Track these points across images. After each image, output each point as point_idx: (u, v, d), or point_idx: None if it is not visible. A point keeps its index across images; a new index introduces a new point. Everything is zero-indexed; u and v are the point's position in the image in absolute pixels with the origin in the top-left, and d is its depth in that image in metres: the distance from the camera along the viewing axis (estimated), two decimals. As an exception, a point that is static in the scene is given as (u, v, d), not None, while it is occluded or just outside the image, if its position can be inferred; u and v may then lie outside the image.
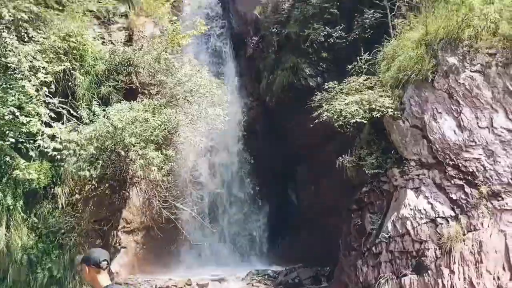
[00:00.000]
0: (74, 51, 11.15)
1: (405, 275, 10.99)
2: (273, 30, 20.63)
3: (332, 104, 12.39)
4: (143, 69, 12.60)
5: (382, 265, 11.37)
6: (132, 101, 11.55)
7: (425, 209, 11.25)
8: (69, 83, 11.14)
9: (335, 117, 12.05)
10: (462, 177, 11.18)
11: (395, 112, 12.04)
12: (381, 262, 11.39)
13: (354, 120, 11.89)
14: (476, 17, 12.00)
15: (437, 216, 11.11)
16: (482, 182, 10.85)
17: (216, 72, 22.38)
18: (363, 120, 11.98)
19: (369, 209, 12.70)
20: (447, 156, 11.37)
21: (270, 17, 21.44)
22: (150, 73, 12.75)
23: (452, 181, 11.26)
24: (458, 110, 11.62)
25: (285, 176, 21.09)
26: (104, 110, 10.70)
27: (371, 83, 12.96)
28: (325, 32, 18.57)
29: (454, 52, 12.18)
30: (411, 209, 11.35)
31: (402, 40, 13.58)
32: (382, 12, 15.27)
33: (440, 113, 11.81)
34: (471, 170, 11.09)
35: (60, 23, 10.94)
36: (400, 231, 11.32)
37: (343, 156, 12.98)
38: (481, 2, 11.96)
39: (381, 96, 12.14)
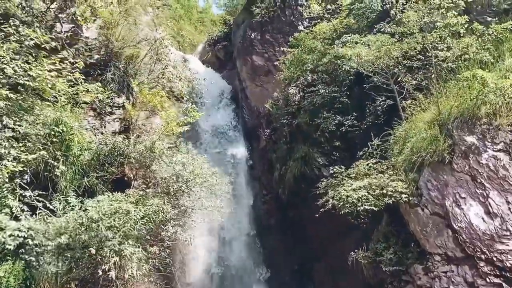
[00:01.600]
0: (57, 141, 10.66)
1: None
2: (284, 121, 20.18)
3: (337, 190, 11.11)
4: (135, 159, 11.93)
5: None
6: (118, 192, 10.72)
7: (457, 316, 9.26)
8: (51, 175, 10.48)
9: (341, 204, 10.69)
10: (499, 273, 9.32)
11: (411, 198, 10.65)
12: None
13: (362, 208, 10.49)
14: (492, 93, 11.01)
15: (473, 325, 9.08)
16: (524, 279, 8.97)
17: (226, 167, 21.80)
18: (373, 207, 10.59)
19: (392, 317, 10.71)
20: (478, 249, 9.63)
21: (281, 109, 21.17)
22: (143, 163, 12.06)
23: (488, 279, 9.39)
24: (485, 194, 10.12)
25: (302, 275, 19.03)
26: (81, 202, 9.82)
27: (382, 168, 11.74)
28: (336, 121, 17.90)
29: (472, 131, 11.01)
30: (440, 315, 9.38)
31: (414, 122, 12.64)
32: (390, 94, 14.54)
33: (463, 198, 10.31)
34: (509, 265, 9.25)
35: (47, 113, 10.62)
36: None
37: (356, 251, 11.33)
38: (494, 76, 11.04)
39: (393, 180, 10.83)
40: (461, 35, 12.88)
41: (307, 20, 23.30)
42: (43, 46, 11.04)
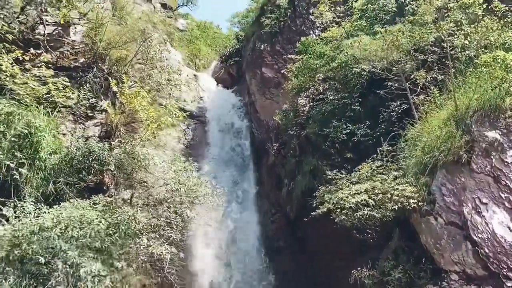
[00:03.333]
0: (25, 144, 9.66)
1: None
2: (293, 132, 18.73)
3: (335, 195, 9.52)
4: (115, 166, 10.75)
5: None
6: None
7: None
8: (15, 181, 9.42)
9: (338, 210, 9.09)
10: (532, 296, 7.41)
11: (422, 204, 8.91)
12: None
13: (360, 213, 8.84)
14: (517, 81, 9.33)
15: None
16: None
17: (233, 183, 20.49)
18: (374, 214, 8.90)
19: None
20: (504, 265, 7.77)
21: (290, 121, 19.78)
22: (123, 171, 10.86)
23: (518, 303, 7.48)
24: (511, 198, 8.30)
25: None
26: (39, 209, 8.63)
27: (388, 171, 10.09)
28: (348, 130, 16.29)
29: (494, 125, 9.27)
30: None
31: (427, 121, 10.98)
32: (402, 93, 12.92)
33: (485, 203, 8.52)
34: (544, 285, 7.35)
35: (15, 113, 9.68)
36: None
37: (359, 269, 9.60)
38: (519, 60, 9.36)
39: (400, 183, 9.15)
40: (480, 17, 11.25)
41: (319, 28, 22.09)
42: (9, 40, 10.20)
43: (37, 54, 10.35)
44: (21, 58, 10.09)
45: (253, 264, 18.26)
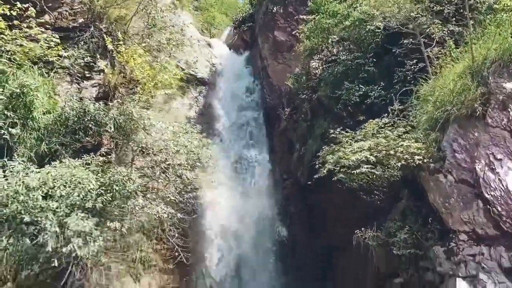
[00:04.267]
0: (19, 104, 9.40)
1: None
2: (304, 96, 18.04)
3: (337, 154, 8.96)
4: (114, 127, 10.42)
5: None
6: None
7: (488, 312, 6.84)
8: (8, 141, 9.22)
9: (337, 168, 8.55)
10: (547, 256, 6.81)
11: (427, 160, 8.28)
12: None
13: (358, 171, 8.28)
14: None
15: (510, 323, 6.63)
16: None
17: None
18: (374, 171, 8.33)
19: (406, 311, 8.38)
20: (518, 223, 7.15)
21: (302, 85, 19.05)
22: (121, 132, 10.53)
23: (532, 264, 6.89)
24: (528, 153, 7.60)
25: (323, 268, 16.78)
26: (27, 169, 8.39)
27: (396, 128, 9.43)
28: (361, 92, 15.49)
29: (514, 76, 8.47)
30: (464, 310, 6.99)
31: (442, 75, 10.19)
32: (416, 47, 12.05)
33: (499, 159, 7.84)
34: (561, 245, 6.72)
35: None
36: None
37: (362, 230, 9.11)
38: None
39: (405, 139, 8.52)
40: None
41: (336, -12, 20.98)
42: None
43: (24, 9, 9.93)
44: (8, 14, 9.72)
45: (265, 229, 17.98)
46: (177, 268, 17.20)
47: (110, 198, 8.67)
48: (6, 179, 8.02)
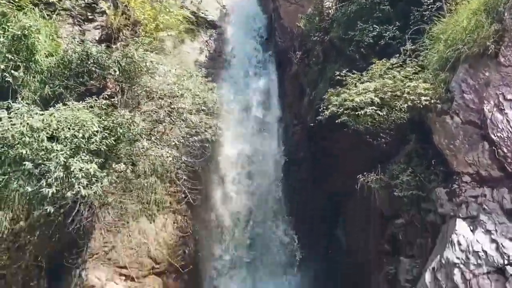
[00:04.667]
0: (21, 46, 9.35)
1: None
2: (316, 38, 17.47)
3: (341, 96, 8.78)
4: (118, 70, 10.32)
5: None
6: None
7: (485, 251, 6.91)
8: (12, 84, 9.27)
9: (340, 110, 8.41)
10: (551, 198, 6.71)
11: (434, 101, 8.05)
12: (415, 337, 7.11)
13: (362, 112, 8.12)
14: None
15: (507, 262, 6.69)
16: None
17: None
18: (380, 112, 8.17)
19: (407, 251, 8.51)
20: (523, 165, 7.01)
21: (315, 26, 18.39)
22: (126, 76, 10.45)
23: (535, 206, 6.82)
24: (540, 93, 7.30)
25: (332, 211, 17.01)
26: (31, 111, 8.48)
27: (405, 69, 9.11)
28: (375, 33, 14.87)
29: (531, 11, 7.97)
30: (462, 250, 7.06)
31: (456, 12, 9.66)
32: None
33: (509, 100, 7.59)
34: None
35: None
36: (444, 285, 7.02)
37: (365, 174, 9.09)
38: None
39: (413, 80, 8.26)
40: None
41: None
42: None
43: None
44: None
45: (271, 174, 18.16)
46: (193, 212, 17.80)
47: (113, 142, 8.75)
48: (11, 121, 8.13)
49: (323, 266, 16.41)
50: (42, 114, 8.35)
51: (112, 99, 9.48)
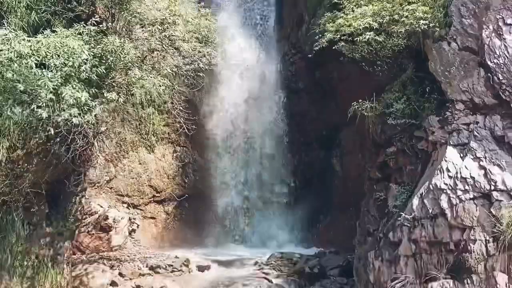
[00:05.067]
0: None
1: (435, 278, 6.98)
2: (315, -41, 16.53)
3: (337, 22, 8.50)
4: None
5: (401, 261, 7.43)
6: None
7: (473, 177, 7.05)
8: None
9: (337, 37, 8.18)
10: (542, 125, 6.73)
11: (432, 25, 7.80)
12: (400, 256, 7.45)
13: (359, 38, 7.91)
14: None
15: (493, 188, 6.85)
16: None
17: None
18: (377, 38, 7.95)
19: (397, 178, 8.70)
20: (517, 92, 6.94)
21: None
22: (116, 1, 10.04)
23: (525, 132, 6.86)
24: (541, 16, 7.03)
25: (329, 142, 17.19)
26: (19, 37, 8.27)
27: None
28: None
29: None
30: (450, 176, 7.20)
31: None
32: None
33: (508, 25, 7.37)
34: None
35: None
36: (431, 210, 7.25)
37: (360, 101, 9.04)
38: None
39: (412, 2, 7.94)
40: None
41: None
42: None
43: None
44: None
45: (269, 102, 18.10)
46: (190, 142, 17.99)
47: (104, 71, 8.61)
48: (-2, 47, 7.95)
49: (319, 198, 16.89)
50: (30, 41, 8.14)
51: (101, 26, 9.16)
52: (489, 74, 7.29)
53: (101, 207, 15.04)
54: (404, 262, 7.35)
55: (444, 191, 7.13)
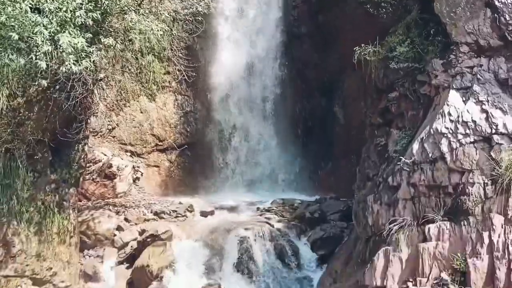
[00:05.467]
0: None
1: (432, 220, 7.13)
2: None
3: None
4: None
5: (399, 204, 7.55)
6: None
7: (474, 121, 7.01)
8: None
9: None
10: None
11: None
12: (399, 200, 7.57)
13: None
14: None
15: (494, 131, 6.83)
16: None
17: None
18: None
19: (398, 123, 8.66)
20: (524, 32, 6.74)
21: None
22: None
23: (531, 75, 6.74)
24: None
25: (330, 90, 17.02)
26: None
27: None
28: None
29: None
30: (451, 120, 7.16)
31: None
32: None
33: (520, -39, 6.98)
34: None
35: None
36: (431, 154, 7.27)
37: (362, 46, 8.84)
38: None
39: None
40: None
41: None
42: None
43: None
44: None
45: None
46: (192, 91, 17.85)
47: (100, 15, 8.37)
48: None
49: (321, 146, 16.94)
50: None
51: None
52: (495, 15, 7.05)
53: (105, 155, 15.19)
54: (403, 205, 7.47)
55: (445, 135, 7.11)
